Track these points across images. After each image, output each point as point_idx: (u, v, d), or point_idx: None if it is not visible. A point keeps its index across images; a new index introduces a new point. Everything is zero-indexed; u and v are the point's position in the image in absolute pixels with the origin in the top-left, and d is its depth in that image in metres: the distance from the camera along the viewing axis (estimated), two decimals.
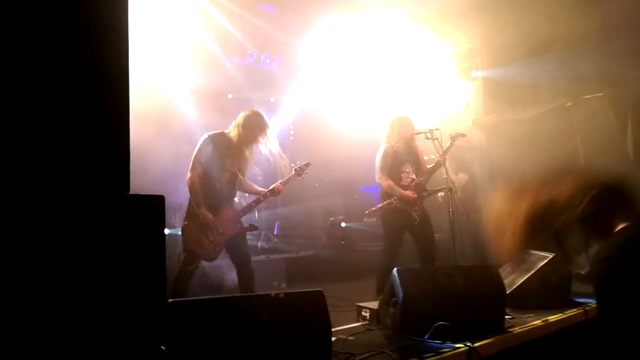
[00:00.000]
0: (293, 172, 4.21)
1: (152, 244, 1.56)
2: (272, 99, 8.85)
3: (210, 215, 3.75)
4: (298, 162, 4.29)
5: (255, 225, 4.05)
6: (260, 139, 3.88)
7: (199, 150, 3.72)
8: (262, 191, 4.12)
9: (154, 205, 1.60)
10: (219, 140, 3.76)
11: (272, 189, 4.09)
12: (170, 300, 1.83)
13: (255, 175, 4.13)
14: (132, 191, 1.56)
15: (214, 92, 7.05)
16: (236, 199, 4.24)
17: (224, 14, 6.30)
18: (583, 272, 4.56)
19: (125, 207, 1.52)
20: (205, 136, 3.77)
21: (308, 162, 4.28)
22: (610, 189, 1.79)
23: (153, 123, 3.85)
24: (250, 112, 3.92)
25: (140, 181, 3.75)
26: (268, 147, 3.90)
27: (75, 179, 1.46)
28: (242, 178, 3.95)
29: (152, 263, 1.55)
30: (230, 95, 8.00)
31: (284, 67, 7.81)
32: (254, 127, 3.85)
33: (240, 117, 3.88)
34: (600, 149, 5.54)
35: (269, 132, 3.94)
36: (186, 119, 5.77)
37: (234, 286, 4.07)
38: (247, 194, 4.67)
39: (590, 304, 3.72)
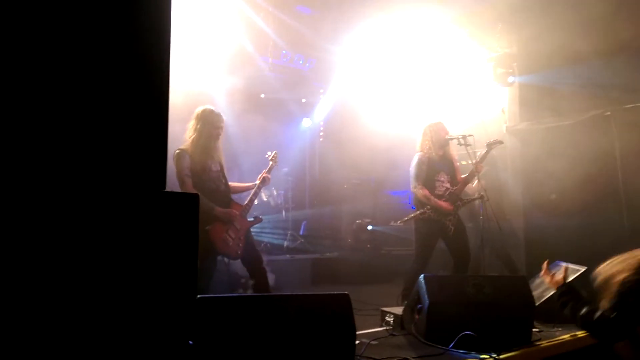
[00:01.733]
0: (270, 162, 4.23)
1: (185, 240, 1.60)
2: (303, 100, 8.92)
3: (232, 210, 3.81)
4: (269, 153, 4.31)
5: (260, 217, 4.07)
6: (220, 131, 3.87)
7: (178, 166, 3.71)
8: (252, 185, 4.13)
9: (189, 203, 1.64)
10: (189, 148, 3.77)
11: (263, 180, 4.10)
12: (199, 296, 1.87)
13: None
14: (168, 189, 1.60)
15: (247, 92, 7.15)
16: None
17: (259, 14, 6.38)
18: None
19: (162, 204, 1.57)
20: (177, 151, 3.76)
21: (276, 151, 4.31)
22: None
23: (187, 122, 3.91)
24: (202, 110, 3.89)
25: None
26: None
27: (114, 176, 1.51)
28: (225, 173, 3.97)
29: (185, 259, 1.59)
30: (263, 95, 8.10)
31: (317, 68, 7.85)
32: (210, 120, 3.84)
33: (195, 117, 3.86)
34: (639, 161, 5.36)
35: (223, 123, 3.92)
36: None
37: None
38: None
39: None
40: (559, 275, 2.48)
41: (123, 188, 1.51)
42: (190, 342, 1.53)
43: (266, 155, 4.36)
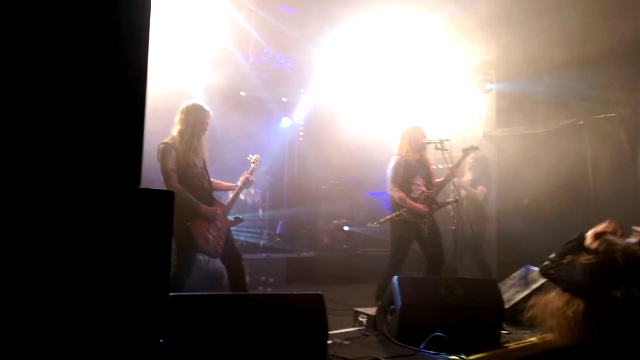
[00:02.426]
0: (252, 165, 4.23)
1: (159, 238, 1.59)
2: (284, 99, 8.91)
3: (216, 209, 3.80)
4: (250, 155, 4.31)
5: (241, 217, 4.07)
6: (206, 126, 3.86)
7: (164, 160, 3.67)
8: (233, 185, 4.13)
9: (163, 200, 1.64)
10: (173, 143, 3.74)
11: (246, 181, 4.10)
12: (171, 294, 1.86)
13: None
14: (143, 185, 1.59)
15: (227, 89, 7.10)
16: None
17: (241, 12, 6.35)
18: None
19: (136, 200, 1.56)
20: (162, 145, 3.72)
21: (257, 155, 4.32)
22: None
23: (165, 118, 3.87)
24: (190, 105, 3.87)
25: (155, 175, 3.80)
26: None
27: (88, 172, 1.50)
28: (207, 171, 3.96)
29: (158, 256, 1.58)
30: (243, 93, 8.06)
31: (299, 68, 7.86)
32: (197, 115, 3.82)
33: (182, 111, 3.83)
34: (610, 170, 5.52)
35: (209, 119, 3.90)
36: None
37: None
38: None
39: None
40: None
41: (97, 184, 1.49)
42: (162, 341, 1.52)
43: (248, 158, 4.35)
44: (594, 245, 2.43)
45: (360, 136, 7.43)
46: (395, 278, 3.22)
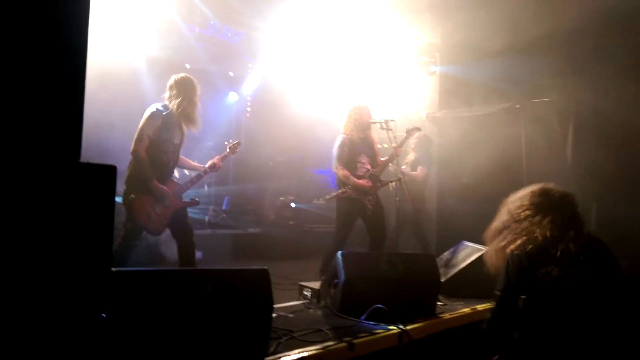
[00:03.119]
0: (227, 149, 4.21)
1: (101, 213, 1.57)
2: (231, 73, 8.73)
3: (165, 188, 3.70)
4: (230, 140, 4.31)
5: (197, 200, 4.02)
6: (196, 109, 3.80)
7: (147, 123, 3.58)
8: (200, 167, 4.09)
9: (105, 175, 1.60)
10: (166, 112, 3.66)
11: (212, 165, 4.06)
12: (114, 269, 1.84)
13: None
14: (90, 160, 1.55)
15: (171, 61, 6.86)
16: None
17: None
18: None
19: (76, 175, 1.52)
20: (153, 108, 3.63)
21: (238, 142, 4.33)
22: None
23: (107, 90, 3.71)
24: (185, 76, 3.81)
25: (99, 150, 3.65)
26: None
27: (27, 145, 1.44)
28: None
29: (100, 232, 1.56)
30: (188, 66, 7.81)
31: (246, 42, 7.69)
32: (186, 95, 3.74)
33: (176, 85, 3.75)
34: (542, 152, 5.87)
35: (197, 97, 3.85)
36: (140, 88, 5.60)
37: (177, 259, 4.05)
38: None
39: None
40: None
41: (35, 157, 1.44)
42: (104, 315, 1.52)
43: (226, 142, 4.28)
44: None
45: (308, 114, 7.45)
46: (339, 253, 3.31)
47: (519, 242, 2.24)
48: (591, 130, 5.50)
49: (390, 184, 4.80)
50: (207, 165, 4.05)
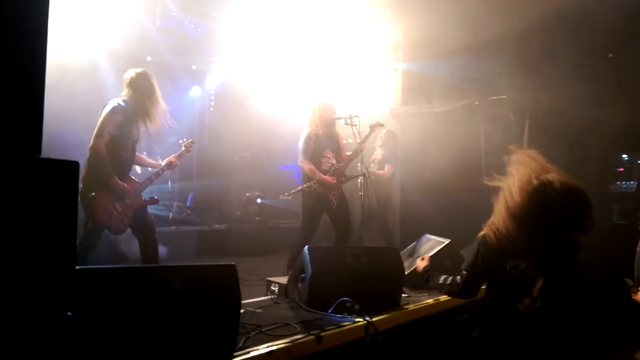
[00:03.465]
0: (183, 148, 4.16)
1: (63, 210, 1.53)
2: (194, 67, 8.58)
3: (126, 185, 3.63)
4: (184, 139, 4.27)
5: (156, 198, 3.97)
6: (156, 105, 3.73)
7: (108, 118, 3.48)
8: (156, 164, 4.04)
9: (67, 171, 1.57)
10: (127, 107, 3.58)
11: (169, 163, 4.00)
12: (78, 267, 1.80)
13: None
14: (49, 156, 1.51)
15: (132, 53, 6.68)
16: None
17: None
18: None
19: (36, 171, 1.48)
20: (114, 103, 3.53)
21: (192, 140, 4.29)
22: None
23: (66, 82, 3.59)
24: (142, 72, 3.72)
25: (57, 145, 3.52)
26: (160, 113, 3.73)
27: None
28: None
29: (63, 229, 1.53)
30: (149, 58, 7.63)
31: (210, 35, 7.57)
32: (146, 91, 3.68)
33: (135, 80, 3.66)
34: (500, 148, 6.05)
35: (158, 93, 3.78)
36: (100, 81, 5.43)
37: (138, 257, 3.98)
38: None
39: None
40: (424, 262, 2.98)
41: None
42: (69, 314, 1.49)
43: (180, 141, 4.22)
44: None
45: (273, 108, 7.42)
46: (306, 248, 3.34)
47: (493, 229, 2.32)
48: (546, 127, 5.72)
49: (354, 178, 4.86)
50: (163, 163, 4.00)
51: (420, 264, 3.01)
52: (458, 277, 2.57)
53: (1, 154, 1.42)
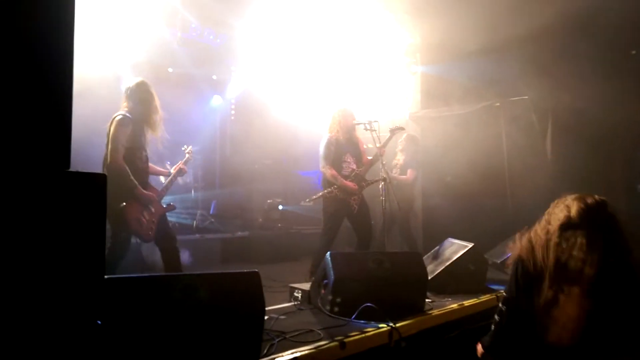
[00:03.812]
0: (186, 154, 4.25)
1: (92, 221, 1.58)
2: (214, 77, 8.71)
3: (151, 194, 3.73)
4: (185, 146, 4.33)
5: (174, 205, 4.07)
6: (156, 113, 3.77)
7: (119, 131, 3.53)
8: (165, 172, 4.11)
9: (96, 183, 1.62)
10: (132, 118, 3.63)
11: (179, 170, 4.10)
12: (106, 276, 1.85)
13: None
14: (75, 169, 1.56)
15: (154, 65, 6.82)
16: None
17: None
18: (498, 261, 4.99)
19: (66, 184, 1.53)
20: (120, 116, 3.58)
21: (190, 145, 4.35)
22: None
23: (91, 96, 3.69)
24: (140, 82, 3.75)
25: (81, 158, 3.62)
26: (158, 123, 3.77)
27: (16, 155, 1.45)
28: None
29: (92, 240, 1.57)
30: (170, 70, 7.78)
31: (229, 45, 7.68)
32: (146, 100, 3.71)
33: (134, 91, 3.69)
34: (522, 148, 5.99)
35: (157, 101, 3.81)
36: (122, 94, 5.56)
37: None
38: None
39: (502, 290, 4.08)
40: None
41: (25, 168, 1.45)
42: (99, 322, 1.53)
43: (183, 149, 4.31)
44: None
45: (293, 115, 7.47)
46: (328, 254, 3.35)
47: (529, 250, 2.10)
48: (569, 127, 5.63)
49: (375, 183, 4.85)
50: (173, 171, 4.08)
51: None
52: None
53: (33, 168, 1.48)
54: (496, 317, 2.26)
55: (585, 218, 2.01)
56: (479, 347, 2.35)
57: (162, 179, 4.14)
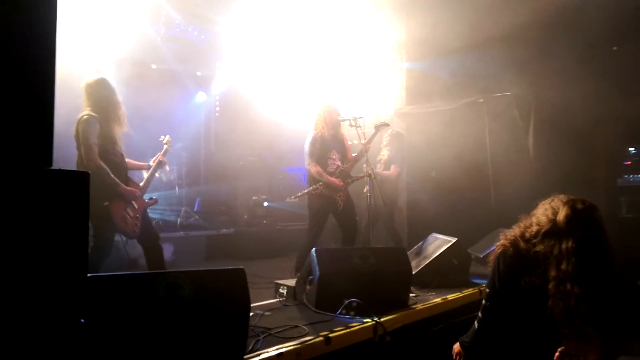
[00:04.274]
0: (165, 145, 4.22)
1: (75, 219, 1.57)
2: (198, 73, 8.65)
3: (133, 189, 3.71)
4: (162, 137, 4.31)
5: (156, 198, 4.04)
6: (119, 107, 3.74)
7: (88, 131, 3.47)
8: (144, 165, 4.07)
9: (78, 181, 1.61)
10: (97, 117, 3.59)
11: (158, 163, 4.08)
12: (89, 274, 1.84)
13: None
14: (56, 166, 1.55)
15: (137, 62, 6.75)
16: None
17: None
18: (481, 256, 5.06)
19: (48, 182, 1.52)
20: (86, 116, 3.53)
21: (168, 135, 4.32)
22: None
23: (73, 93, 3.64)
24: (99, 79, 3.72)
25: (63, 155, 3.58)
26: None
27: None
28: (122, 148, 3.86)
29: (75, 238, 1.56)
30: (154, 66, 7.70)
31: (213, 41, 7.63)
32: (107, 97, 3.68)
33: (93, 88, 3.66)
34: (505, 144, 6.07)
35: (118, 96, 3.78)
36: None
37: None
38: None
39: (484, 285, 4.14)
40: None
41: (6, 165, 1.43)
42: (82, 321, 1.52)
43: (160, 139, 4.28)
44: None
45: (277, 112, 7.46)
46: (313, 250, 3.37)
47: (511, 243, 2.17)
48: (551, 122, 5.72)
49: (360, 179, 4.88)
50: (153, 164, 4.05)
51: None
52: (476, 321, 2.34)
53: (14, 165, 1.47)
54: (480, 314, 2.31)
55: (573, 225, 2.04)
56: (456, 347, 2.40)
57: (144, 173, 4.10)
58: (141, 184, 3.90)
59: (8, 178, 1.43)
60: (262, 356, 2.34)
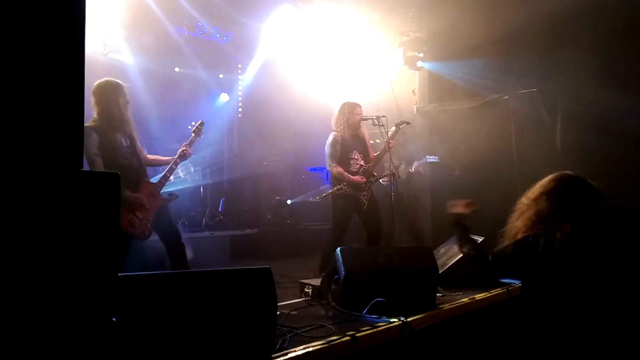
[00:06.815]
0: (192, 134, 4.13)
1: (105, 219, 1.60)
2: (221, 75, 8.74)
3: (137, 195, 3.71)
4: (193, 123, 4.21)
5: (176, 194, 4.02)
6: (123, 100, 3.75)
7: (85, 144, 3.42)
8: (171, 159, 4.01)
9: (108, 182, 1.64)
10: (96, 124, 3.61)
11: (182, 154, 3.99)
12: (120, 274, 1.87)
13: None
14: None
15: (161, 65, 6.86)
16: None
17: None
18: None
19: (79, 183, 1.55)
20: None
21: (201, 121, 4.23)
22: None
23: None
24: (102, 83, 3.73)
25: None
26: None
27: (29, 155, 1.47)
28: (140, 147, 3.89)
29: (106, 238, 1.59)
30: (177, 69, 7.82)
31: (235, 42, 7.71)
32: (110, 91, 3.71)
33: (94, 92, 3.68)
34: (532, 141, 5.94)
35: (125, 89, 3.80)
36: (131, 93, 5.60)
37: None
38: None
39: (513, 284, 4.07)
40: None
41: (38, 168, 1.47)
42: (114, 319, 1.55)
43: (189, 126, 4.21)
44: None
45: (299, 111, 7.47)
46: (338, 249, 3.35)
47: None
48: (579, 117, 5.57)
49: (384, 178, 4.85)
50: (176, 156, 3.99)
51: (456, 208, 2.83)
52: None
53: (47, 168, 1.50)
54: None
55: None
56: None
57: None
58: (157, 181, 3.88)
59: (42, 180, 1.46)
60: (289, 355, 2.34)
